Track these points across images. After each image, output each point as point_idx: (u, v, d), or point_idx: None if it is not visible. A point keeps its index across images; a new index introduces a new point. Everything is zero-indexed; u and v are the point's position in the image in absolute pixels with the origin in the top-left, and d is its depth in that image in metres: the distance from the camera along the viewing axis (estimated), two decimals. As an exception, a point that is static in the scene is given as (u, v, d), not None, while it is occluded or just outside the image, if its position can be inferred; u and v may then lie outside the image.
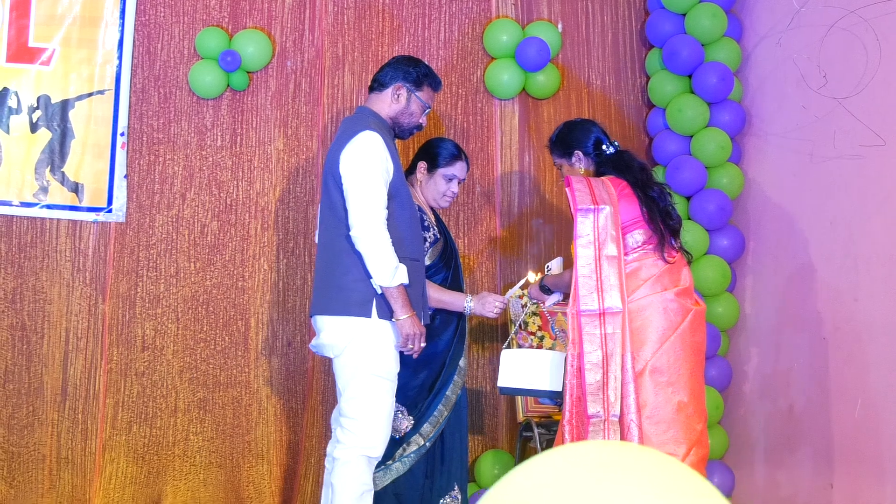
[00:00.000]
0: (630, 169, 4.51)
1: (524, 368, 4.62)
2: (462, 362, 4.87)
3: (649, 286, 4.30)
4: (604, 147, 4.61)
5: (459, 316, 4.88)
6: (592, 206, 4.28)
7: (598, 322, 4.21)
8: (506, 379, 4.64)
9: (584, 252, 4.27)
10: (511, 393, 4.74)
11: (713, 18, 5.64)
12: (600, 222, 4.27)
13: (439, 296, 4.78)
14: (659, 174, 5.76)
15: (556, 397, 4.68)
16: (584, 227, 4.27)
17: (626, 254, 4.33)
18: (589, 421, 4.18)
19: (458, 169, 4.93)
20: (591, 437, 4.18)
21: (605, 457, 1.63)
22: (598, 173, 4.59)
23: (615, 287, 4.23)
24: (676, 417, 4.23)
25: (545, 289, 4.81)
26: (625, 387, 4.18)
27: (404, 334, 4.28)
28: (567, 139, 4.70)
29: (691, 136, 5.70)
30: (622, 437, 4.19)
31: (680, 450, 4.21)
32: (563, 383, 4.36)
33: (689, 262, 4.53)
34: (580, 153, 4.63)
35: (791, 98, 5.33)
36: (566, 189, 4.41)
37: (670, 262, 4.36)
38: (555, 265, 4.88)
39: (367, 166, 4.27)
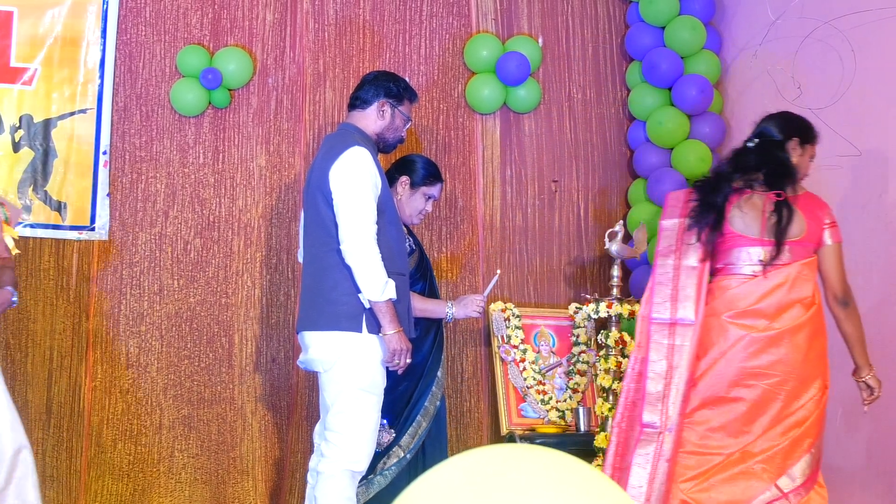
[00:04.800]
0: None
1: None
2: (440, 373, 4.90)
3: (712, 306, 4.17)
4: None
5: (437, 327, 4.91)
6: (676, 219, 4.25)
7: (668, 332, 4.13)
8: None
9: (663, 261, 4.22)
10: None
11: (692, 31, 5.68)
12: (685, 234, 4.22)
13: (422, 305, 4.82)
14: (640, 187, 5.79)
15: None
16: (666, 240, 4.24)
17: (715, 271, 4.23)
18: (642, 429, 4.10)
19: (437, 189, 5.00)
20: (642, 446, 4.10)
21: (515, 460, 1.66)
22: None
23: (691, 298, 4.14)
24: (711, 436, 4.14)
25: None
26: (683, 402, 4.11)
27: (391, 349, 4.28)
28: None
29: (672, 149, 5.73)
30: (673, 449, 4.10)
31: (712, 459, 4.13)
32: (622, 385, 4.29)
33: (780, 285, 4.22)
34: None
35: (769, 109, 5.33)
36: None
37: (743, 283, 4.19)
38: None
39: (357, 181, 4.29)
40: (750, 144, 4.32)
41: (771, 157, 4.25)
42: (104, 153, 5.44)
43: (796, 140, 4.30)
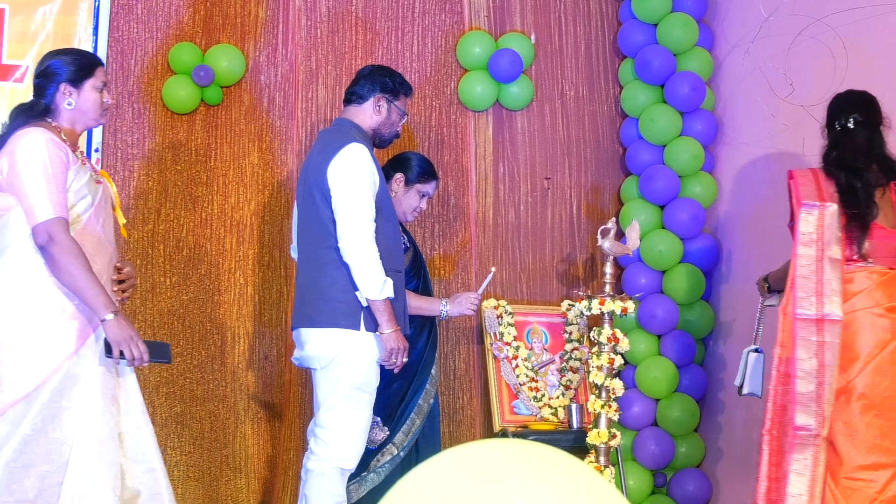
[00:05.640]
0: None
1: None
2: (433, 370, 4.91)
3: (859, 299, 4.00)
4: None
5: (431, 325, 4.92)
6: (818, 203, 4.00)
7: (815, 328, 3.91)
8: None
9: (805, 251, 3.96)
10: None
11: (685, 28, 5.68)
12: (826, 220, 3.97)
13: (416, 302, 4.83)
14: (633, 184, 5.79)
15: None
16: (807, 224, 3.98)
17: (846, 261, 4.04)
18: (795, 432, 3.89)
19: (432, 187, 5.02)
20: (798, 450, 3.90)
21: (505, 455, 1.66)
22: None
23: (836, 292, 3.93)
24: (880, 443, 3.95)
25: (768, 287, 4.54)
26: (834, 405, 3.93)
27: (388, 348, 4.27)
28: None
29: (664, 146, 5.73)
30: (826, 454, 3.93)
31: (881, 475, 3.93)
32: (765, 389, 4.10)
33: None
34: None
35: (761, 106, 5.36)
36: (788, 182, 4.18)
37: (885, 275, 4.04)
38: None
39: (356, 178, 4.28)
40: (850, 125, 4.19)
41: (880, 147, 4.17)
42: (96, 150, 5.41)
43: (881, 126, 4.24)
